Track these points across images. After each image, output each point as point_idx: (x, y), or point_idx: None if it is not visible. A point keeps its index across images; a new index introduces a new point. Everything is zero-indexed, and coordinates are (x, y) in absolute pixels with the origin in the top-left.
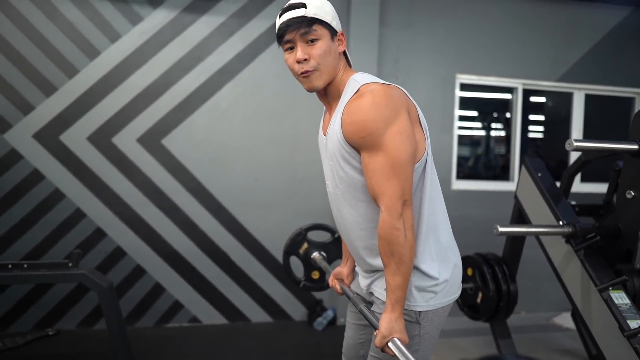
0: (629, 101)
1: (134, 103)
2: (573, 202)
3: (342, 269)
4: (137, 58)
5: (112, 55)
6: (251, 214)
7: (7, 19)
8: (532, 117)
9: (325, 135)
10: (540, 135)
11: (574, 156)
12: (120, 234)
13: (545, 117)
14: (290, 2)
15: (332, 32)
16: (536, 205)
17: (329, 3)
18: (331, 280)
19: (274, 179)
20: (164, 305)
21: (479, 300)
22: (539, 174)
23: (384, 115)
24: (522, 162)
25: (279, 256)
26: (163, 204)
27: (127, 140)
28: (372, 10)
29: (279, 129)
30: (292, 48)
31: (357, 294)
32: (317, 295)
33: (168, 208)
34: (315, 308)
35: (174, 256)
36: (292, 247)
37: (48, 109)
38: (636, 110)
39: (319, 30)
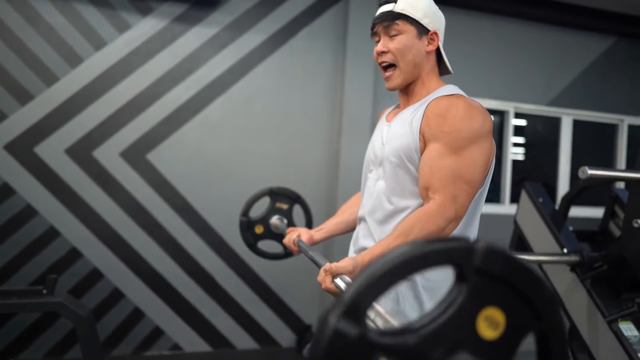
0: (612, 127)
1: (118, 115)
2: (571, 228)
3: (307, 230)
4: (123, 67)
5: (96, 64)
6: (239, 234)
7: None
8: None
9: (389, 122)
10: (521, 158)
11: (562, 181)
12: (97, 255)
13: (526, 139)
14: None
15: (421, 29)
16: (538, 231)
17: (427, 1)
18: (290, 231)
19: (264, 197)
20: (143, 332)
21: None
22: (540, 199)
23: (476, 124)
24: (522, 186)
25: (267, 279)
26: (145, 223)
27: (109, 154)
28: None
29: (270, 145)
30: (378, 41)
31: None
32: (307, 320)
33: (151, 227)
34: (304, 334)
35: (155, 278)
36: (277, 194)
37: (22, 119)
38: (620, 136)
39: (402, 26)
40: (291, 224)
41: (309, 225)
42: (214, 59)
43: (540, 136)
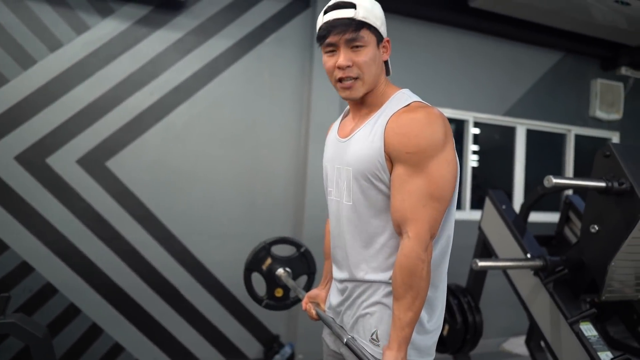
0: (561, 136)
1: (75, 120)
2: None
3: (319, 291)
4: (81, 70)
5: (51, 66)
6: (205, 244)
7: None
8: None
9: (344, 138)
10: (474, 164)
11: (517, 188)
12: (50, 269)
13: (480, 147)
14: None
15: (379, 38)
16: (502, 237)
17: (379, 6)
18: (305, 303)
19: (230, 206)
20: (102, 349)
21: (445, 332)
22: (504, 206)
23: (438, 137)
24: (486, 193)
25: (233, 289)
26: (104, 234)
27: (64, 162)
28: None
29: (237, 153)
30: (333, 51)
31: (340, 325)
32: (274, 330)
33: (110, 238)
34: (271, 345)
35: (114, 292)
36: (254, 263)
37: None
38: (567, 144)
39: (366, 37)
40: (291, 266)
41: (305, 254)
42: (179, 64)
43: (493, 144)
